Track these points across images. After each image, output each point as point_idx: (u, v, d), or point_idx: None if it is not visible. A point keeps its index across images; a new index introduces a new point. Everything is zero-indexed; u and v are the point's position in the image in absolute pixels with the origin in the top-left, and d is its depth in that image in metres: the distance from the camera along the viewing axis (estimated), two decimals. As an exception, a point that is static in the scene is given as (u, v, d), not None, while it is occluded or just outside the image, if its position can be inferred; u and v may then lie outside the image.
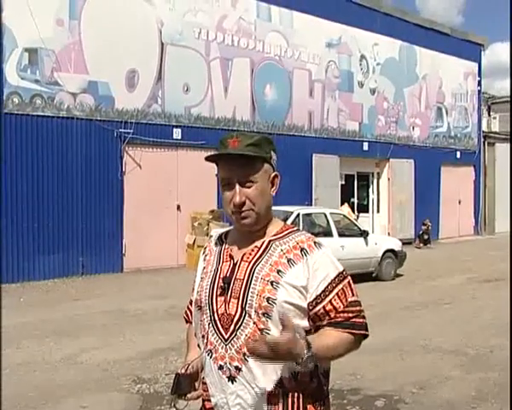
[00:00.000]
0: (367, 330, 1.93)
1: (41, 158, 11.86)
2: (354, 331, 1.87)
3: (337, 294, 1.87)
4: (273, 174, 1.94)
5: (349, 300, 1.89)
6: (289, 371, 1.82)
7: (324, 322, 1.87)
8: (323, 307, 1.85)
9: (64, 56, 12.12)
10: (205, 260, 2.06)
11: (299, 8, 16.36)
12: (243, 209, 1.87)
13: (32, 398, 5.21)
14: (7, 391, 4.92)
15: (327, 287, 1.86)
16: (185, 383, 1.91)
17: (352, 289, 1.92)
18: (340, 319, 1.87)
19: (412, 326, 8.21)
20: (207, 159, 1.94)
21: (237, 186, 1.86)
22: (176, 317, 8.37)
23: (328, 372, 1.95)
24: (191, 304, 2.13)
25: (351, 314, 1.88)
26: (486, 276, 12.74)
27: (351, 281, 1.94)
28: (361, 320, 1.90)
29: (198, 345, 2.01)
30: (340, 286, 1.88)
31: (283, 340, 1.65)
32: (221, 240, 2.07)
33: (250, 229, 1.92)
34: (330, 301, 1.86)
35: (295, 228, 2.00)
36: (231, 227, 2.10)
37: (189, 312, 2.18)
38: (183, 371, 1.94)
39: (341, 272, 1.91)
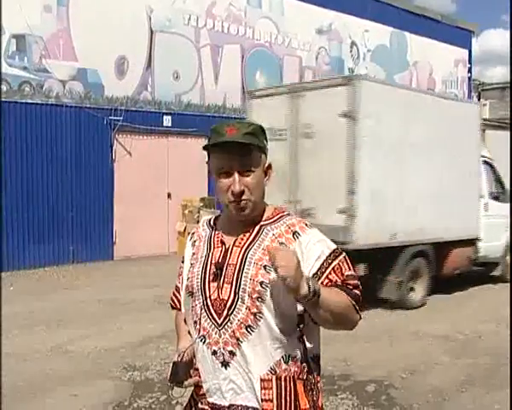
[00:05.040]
0: (359, 304, 1.90)
1: (30, 146, 11.75)
2: (350, 298, 1.85)
3: (333, 269, 1.87)
4: (267, 164, 1.94)
5: (346, 273, 1.89)
6: (281, 355, 1.83)
7: None
8: (321, 283, 1.84)
9: (52, 43, 11.98)
10: (193, 245, 2.05)
11: (290, -5, 16.28)
12: (242, 198, 1.85)
13: (22, 387, 5.21)
14: (-3, 380, 4.92)
15: (322, 264, 1.86)
16: (182, 371, 1.90)
17: (347, 264, 1.92)
18: (337, 284, 1.86)
19: (402, 313, 8.25)
20: (207, 146, 1.89)
21: (236, 175, 1.84)
22: (166, 305, 8.35)
23: (317, 357, 1.96)
24: (177, 290, 2.13)
25: (350, 286, 1.88)
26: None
27: (346, 256, 1.94)
28: (357, 292, 1.90)
29: (189, 332, 2.01)
30: (336, 262, 1.89)
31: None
32: (210, 226, 2.06)
33: (244, 218, 1.91)
34: (327, 277, 1.86)
35: (286, 212, 2.00)
36: (207, 216, 2.11)
37: (174, 298, 2.16)
38: (179, 359, 1.92)
39: (336, 249, 1.92)
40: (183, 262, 2.11)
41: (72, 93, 12.30)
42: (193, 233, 2.11)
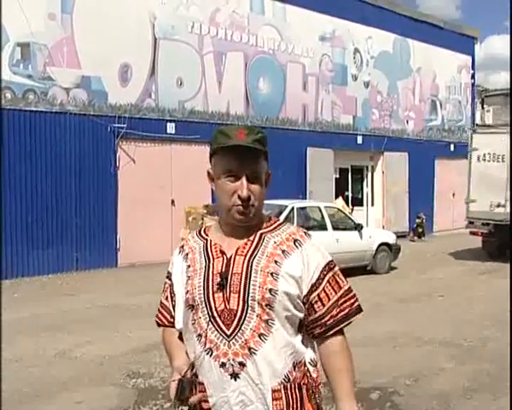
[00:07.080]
0: (361, 309, 1.98)
1: (34, 153, 11.80)
2: (353, 319, 1.95)
3: (328, 281, 1.92)
4: (268, 172, 1.95)
5: (344, 288, 1.95)
6: (293, 361, 1.85)
7: (317, 312, 1.90)
8: (318, 295, 1.89)
9: (56, 51, 12.05)
10: (186, 258, 1.99)
11: (293, 2, 16.31)
12: (249, 204, 1.85)
13: (26, 394, 5.21)
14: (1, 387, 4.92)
15: (320, 275, 1.90)
16: (188, 388, 1.87)
17: (341, 277, 1.97)
18: (339, 318, 1.92)
19: (406, 319, 8.23)
20: (217, 148, 1.86)
21: (245, 180, 1.83)
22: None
23: (315, 360, 1.95)
24: (163, 307, 2.10)
25: (351, 300, 1.95)
26: (479, 269, 12.79)
27: (338, 269, 1.98)
28: (357, 304, 1.97)
29: (186, 352, 1.95)
30: (331, 274, 1.93)
31: None
32: (201, 237, 2.02)
33: (244, 224, 1.90)
34: (323, 289, 1.90)
35: (281, 221, 2.03)
36: (210, 223, 2.10)
37: (161, 315, 2.11)
38: (185, 375, 1.88)
39: (331, 261, 1.96)
40: (168, 278, 2.06)
41: (75, 101, 12.35)
42: (182, 246, 2.06)
